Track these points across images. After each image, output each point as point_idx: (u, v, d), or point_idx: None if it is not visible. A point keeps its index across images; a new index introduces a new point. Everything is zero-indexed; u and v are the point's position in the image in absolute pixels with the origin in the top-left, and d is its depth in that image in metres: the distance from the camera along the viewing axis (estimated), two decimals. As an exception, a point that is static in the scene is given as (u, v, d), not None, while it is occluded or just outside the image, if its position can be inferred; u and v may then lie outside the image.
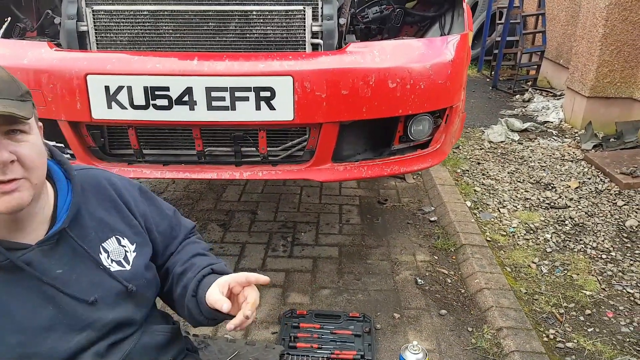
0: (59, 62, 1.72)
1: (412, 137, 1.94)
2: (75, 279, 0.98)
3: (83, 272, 1.00)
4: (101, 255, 1.03)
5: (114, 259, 1.05)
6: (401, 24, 2.19)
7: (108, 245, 1.04)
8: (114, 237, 1.06)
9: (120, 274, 1.04)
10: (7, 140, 0.86)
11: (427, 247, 2.67)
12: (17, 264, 0.92)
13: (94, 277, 1.01)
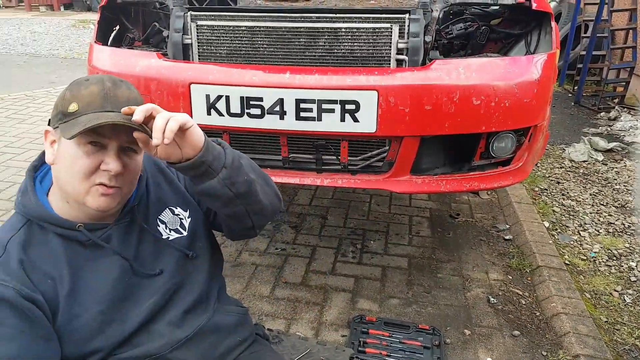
0: (167, 71, 1.89)
1: (494, 154, 1.95)
2: (144, 253, 1.12)
3: (149, 246, 1.13)
4: (159, 227, 1.16)
5: (172, 228, 1.17)
6: (485, 41, 2.21)
7: (164, 217, 1.17)
8: (168, 208, 1.18)
9: (178, 241, 1.16)
10: (122, 154, 1.01)
11: (501, 265, 2.64)
12: (98, 243, 1.06)
13: (157, 249, 1.14)
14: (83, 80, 1.01)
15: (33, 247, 1.03)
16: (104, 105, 0.98)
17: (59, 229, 1.04)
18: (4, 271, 0.98)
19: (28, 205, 1.04)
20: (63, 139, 0.98)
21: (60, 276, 1.02)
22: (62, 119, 0.98)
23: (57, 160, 1.01)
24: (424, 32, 1.87)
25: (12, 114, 4.98)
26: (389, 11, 1.88)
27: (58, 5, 13.01)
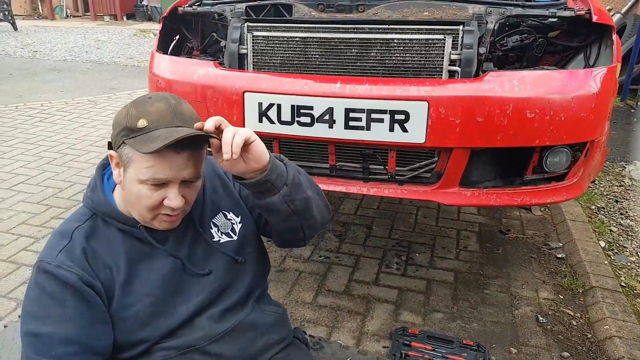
0: (222, 80, 1.97)
1: (548, 168, 1.91)
2: (195, 255, 1.18)
3: (201, 248, 1.19)
4: (212, 230, 1.21)
5: (223, 232, 1.23)
6: (542, 54, 2.16)
7: (217, 220, 1.23)
8: (221, 212, 1.24)
9: (228, 244, 1.22)
10: (183, 186, 1.06)
11: (552, 284, 2.55)
12: (152, 242, 1.13)
13: (208, 252, 1.19)
14: (146, 98, 1.06)
15: (95, 238, 1.11)
16: (174, 121, 1.02)
17: (121, 224, 1.11)
18: (68, 258, 1.07)
19: (96, 201, 1.13)
20: (130, 170, 1.04)
21: (117, 266, 1.10)
22: (130, 135, 1.02)
23: (124, 187, 1.08)
24: (477, 44, 1.86)
25: (75, 117, 5.26)
26: (443, 23, 1.88)
27: (121, 15, 13.67)
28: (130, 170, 1.04)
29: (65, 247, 1.08)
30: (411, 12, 1.96)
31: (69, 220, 1.15)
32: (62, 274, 1.04)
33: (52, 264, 1.05)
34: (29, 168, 3.89)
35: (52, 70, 7.71)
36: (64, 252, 1.07)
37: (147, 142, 0.99)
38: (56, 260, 1.06)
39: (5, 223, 3.04)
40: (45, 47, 9.72)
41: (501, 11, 1.93)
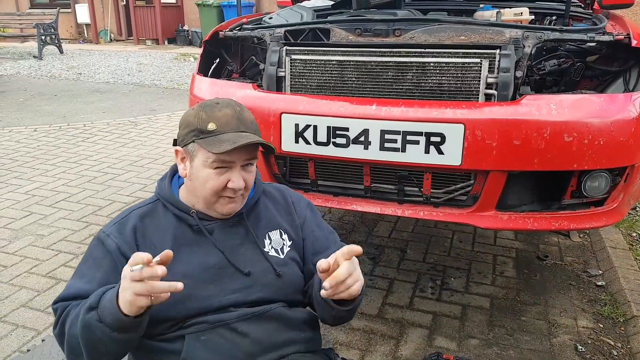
0: (260, 101, 2.02)
1: (586, 193, 1.87)
2: (240, 253, 1.25)
3: (247, 249, 1.27)
4: (265, 240, 1.29)
5: (274, 247, 1.30)
6: (580, 78, 2.14)
7: (273, 235, 1.31)
8: (279, 230, 1.32)
9: (274, 258, 1.28)
10: (242, 170, 1.21)
11: (591, 313, 2.48)
12: (202, 231, 1.23)
13: (254, 255, 1.26)
14: (214, 103, 1.21)
15: (150, 218, 1.25)
16: (239, 126, 1.19)
17: (177, 210, 1.25)
18: (118, 230, 1.22)
19: (161, 187, 1.29)
20: (197, 159, 1.19)
21: (162, 246, 1.18)
22: (200, 135, 1.17)
23: (190, 177, 1.22)
24: (514, 68, 1.86)
25: (116, 137, 5.44)
26: (480, 46, 1.89)
27: (163, 39, 14.16)
28: (197, 160, 1.18)
29: (120, 221, 1.24)
30: (448, 36, 1.98)
31: (136, 204, 1.32)
32: (108, 242, 1.20)
33: (104, 232, 1.22)
34: (70, 186, 4.03)
35: (95, 92, 8.02)
36: (117, 225, 1.23)
37: (217, 144, 1.15)
38: (109, 230, 1.23)
39: (46, 239, 3.14)
40: (89, 70, 10.14)
41: (538, 35, 1.93)
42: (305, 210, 1.40)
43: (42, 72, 9.85)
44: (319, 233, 1.38)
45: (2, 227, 3.30)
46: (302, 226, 1.36)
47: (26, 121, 6.13)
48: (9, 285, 2.64)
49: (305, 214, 1.39)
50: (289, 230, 1.34)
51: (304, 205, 1.41)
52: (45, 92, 7.92)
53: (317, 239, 1.37)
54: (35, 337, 2.25)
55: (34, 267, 2.81)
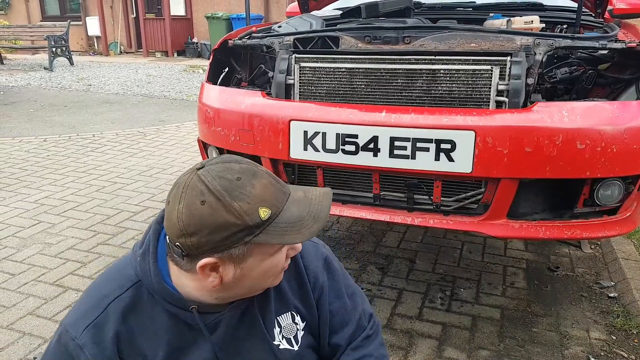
0: (269, 109, 2.02)
1: (599, 201, 1.85)
2: (245, 353, 0.99)
3: (253, 346, 1.00)
4: (275, 330, 1.02)
5: (285, 336, 1.03)
6: (592, 86, 2.12)
7: (282, 320, 1.04)
8: (290, 312, 1.05)
9: (286, 353, 1.02)
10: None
11: (604, 324, 2.43)
12: (202, 331, 0.95)
13: (261, 355, 1.01)
14: (236, 182, 0.85)
15: (136, 316, 0.94)
16: (283, 190, 0.91)
17: (171, 306, 0.94)
18: (94, 339, 0.91)
19: (145, 271, 0.95)
20: (251, 259, 0.88)
21: (153, 355, 0.95)
22: (254, 232, 0.85)
23: (239, 279, 0.90)
24: (526, 75, 1.85)
25: (125, 147, 5.47)
26: (490, 53, 1.88)
27: (172, 51, 14.30)
28: (251, 260, 0.88)
29: (95, 322, 0.92)
30: (458, 43, 1.98)
31: (112, 278, 0.98)
32: (80, 358, 0.91)
33: (74, 341, 0.91)
34: (79, 195, 4.05)
35: (105, 102, 8.09)
36: (91, 329, 0.92)
37: (289, 232, 0.87)
38: (81, 337, 0.91)
39: (54, 247, 3.15)
40: (99, 81, 10.24)
41: (550, 42, 1.92)
42: (321, 277, 1.09)
43: (52, 84, 9.96)
44: (336, 306, 1.10)
45: (11, 236, 3.31)
46: (317, 302, 1.08)
47: (36, 131, 6.18)
48: (16, 293, 2.63)
49: (322, 284, 1.08)
50: (302, 309, 1.06)
51: (319, 270, 1.09)
52: (55, 103, 8.00)
53: (334, 314, 1.09)
54: (41, 345, 2.24)
55: (42, 275, 2.81)
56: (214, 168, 0.87)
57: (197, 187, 0.85)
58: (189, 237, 0.85)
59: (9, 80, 10.38)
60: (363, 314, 1.13)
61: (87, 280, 2.76)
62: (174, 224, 0.86)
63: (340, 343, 1.09)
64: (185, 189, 0.86)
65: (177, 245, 0.88)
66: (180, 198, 0.86)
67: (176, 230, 0.86)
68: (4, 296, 2.61)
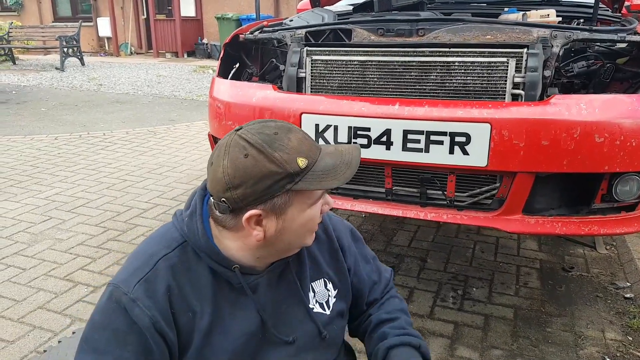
0: (280, 102, 2.00)
1: (617, 197, 1.80)
2: (283, 314, 1.05)
3: (291, 307, 1.06)
4: (310, 294, 1.08)
5: (318, 300, 1.09)
6: (609, 80, 2.08)
7: (316, 286, 1.09)
8: (323, 279, 1.11)
9: (319, 316, 1.08)
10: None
11: (620, 325, 2.38)
12: (245, 290, 0.99)
13: (298, 315, 1.06)
14: (273, 135, 0.91)
15: (183, 272, 0.98)
16: (317, 146, 0.96)
17: (215, 264, 0.98)
18: (148, 292, 0.94)
19: (192, 230, 0.99)
20: (292, 208, 0.93)
21: (202, 311, 0.98)
22: (295, 179, 0.90)
23: (281, 232, 0.95)
24: (542, 67, 1.81)
25: (135, 146, 5.48)
26: (506, 45, 1.85)
27: (182, 52, 14.36)
28: (291, 210, 0.93)
29: (146, 277, 0.95)
30: (473, 35, 1.95)
31: (157, 240, 1.01)
32: (136, 313, 0.92)
33: (127, 295, 0.93)
34: (89, 192, 4.05)
35: (115, 102, 8.12)
36: (143, 283, 0.94)
37: (329, 177, 0.92)
38: (133, 291, 0.93)
39: (65, 243, 3.15)
40: (110, 81, 10.29)
41: (567, 35, 1.88)
42: (351, 246, 1.18)
43: (63, 83, 10.03)
44: (367, 269, 1.20)
45: (22, 231, 3.32)
46: (353, 268, 1.16)
47: (47, 130, 6.21)
48: (27, 287, 2.63)
49: (353, 253, 1.17)
50: (333, 278, 1.12)
51: (348, 238, 1.18)
52: (66, 102, 8.05)
53: (367, 276, 1.19)
54: (51, 339, 2.23)
55: (52, 270, 2.81)
56: (252, 127, 0.94)
57: (239, 144, 0.91)
58: (234, 189, 0.90)
59: (21, 80, 10.47)
60: (386, 276, 1.26)
61: (97, 276, 2.75)
62: (220, 179, 0.91)
63: (376, 297, 1.21)
64: (228, 147, 0.91)
65: (222, 200, 0.92)
66: (224, 155, 0.91)
67: (222, 186, 0.91)
68: (15, 290, 2.61)
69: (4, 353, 2.13)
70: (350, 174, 0.95)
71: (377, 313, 1.19)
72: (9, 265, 2.86)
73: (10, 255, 2.98)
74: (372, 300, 1.21)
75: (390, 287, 1.27)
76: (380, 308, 1.20)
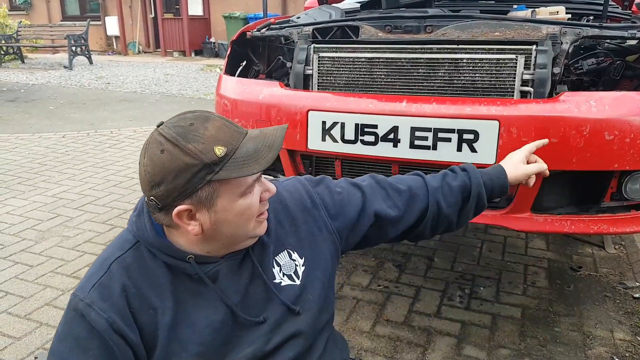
0: (287, 99, 1.99)
1: (627, 195, 1.78)
2: (250, 295, 1.03)
3: (257, 289, 1.03)
4: (274, 270, 1.06)
5: (285, 273, 1.07)
6: (619, 78, 2.05)
7: (280, 259, 1.07)
8: (286, 250, 1.08)
9: (289, 289, 1.06)
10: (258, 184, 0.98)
11: (629, 325, 2.36)
12: (203, 279, 0.98)
13: (266, 296, 1.04)
14: (186, 126, 0.89)
15: (139, 271, 0.97)
16: (236, 129, 0.93)
17: (168, 257, 0.97)
18: (102, 296, 0.93)
19: (140, 227, 0.99)
20: (220, 199, 0.91)
21: (163, 307, 0.97)
22: (214, 170, 0.88)
23: (215, 225, 0.94)
24: (552, 64, 1.79)
25: (142, 144, 5.50)
26: (515, 42, 1.83)
27: (190, 51, 14.39)
28: (221, 200, 0.91)
29: (100, 280, 0.95)
30: (481, 32, 1.93)
31: (111, 246, 1.02)
32: (92, 317, 0.92)
33: (83, 301, 0.93)
34: (97, 190, 4.07)
35: (123, 100, 8.15)
36: (97, 287, 0.94)
37: (248, 164, 0.90)
38: (88, 296, 0.93)
39: (72, 240, 3.16)
40: (117, 80, 10.34)
41: (577, 32, 1.86)
42: (312, 195, 1.15)
43: (71, 82, 10.08)
44: (348, 204, 1.16)
45: (29, 229, 3.33)
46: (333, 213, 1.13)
47: (55, 128, 6.25)
48: (34, 284, 2.65)
49: (318, 200, 1.14)
50: (297, 247, 1.10)
51: (304, 193, 1.15)
52: (74, 101, 8.09)
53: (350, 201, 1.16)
54: (57, 335, 2.24)
55: (59, 267, 2.82)
56: (171, 121, 0.93)
57: (156, 140, 0.90)
58: (157, 187, 0.89)
59: (30, 79, 10.54)
60: (369, 179, 1.23)
61: (103, 273, 2.76)
62: (143, 178, 0.91)
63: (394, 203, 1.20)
64: (147, 145, 0.91)
65: (151, 199, 0.91)
66: (145, 153, 0.91)
67: (146, 184, 0.91)
68: (22, 287, 2.62)
69: (11, 349, 2.14)
70: (272, 156, 0.91)
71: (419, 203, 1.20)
72: (16, 262, 2.88)
73: (17, 252, 3.00)
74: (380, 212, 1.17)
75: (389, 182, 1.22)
76: (413, 200, 1.20)
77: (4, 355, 2.11)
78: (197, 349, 0.98)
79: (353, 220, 1.15)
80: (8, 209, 3.66)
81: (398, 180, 1.23)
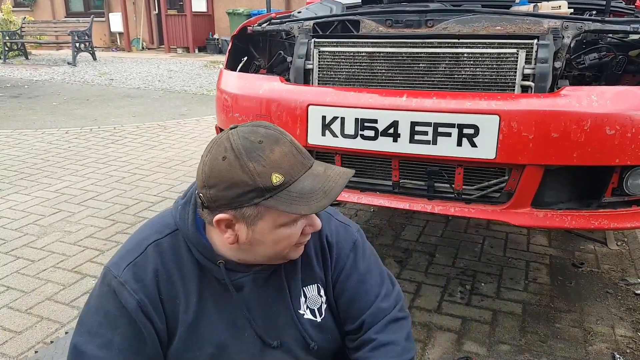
0: (287, 94, 1.99)
1: (628, 190, 1.77)
2: (270, 316, 1.02)
3: (279, 311, 1.03)
4: (300, 299, 1.05)
5: (309, 306, 1.06)
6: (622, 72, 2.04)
7: (309, 291, 1.06)
8: (317, 284, 1.07)
9: (310, 323, 1.05)
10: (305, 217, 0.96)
11: (630, 321, 2.35)
12: (229, 287, 0.98)
13: (286, 319, 1.03)
14: (256, 143, 0.88)
15: (172, 259, 0.98)
16: (304, 162, 0.91)
17: (202, 257, 0.98)
18: (135, 277, 0.95)
19: (183, 219, 0.99)
20: (262, 222, 0.90)
21: (187, 301, 0.98)
22: (264, 195, 0.87)
23: (251, 242, 0.93)
24: (553, 59, 1.78)
25: (146, 140, 5.50)
26: (516, 36, 1.82)
27: (193, 47, 14.39)
28: (262, 223, 0.90)
29: (135, 261, 0.96)
30: (483, 26, 1.92)
31: (150, 226, 1.03)
32: (124, 296, 0.94)
33: (117, 279, 0.95)
34: (99, 185, 4.08)
35: (126, 97, 8.16)
36: (132, 267, 0.96)
37: (301, 202, 0.87)
38: (122, 275, 0.95)
39: (73, 235, 3.17)
40: (121, 76, 10.35)
41: (579, 26, 1.85)
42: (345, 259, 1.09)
43: (75, 78, 10.10)
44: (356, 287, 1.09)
45: (32, 223, 3.35)
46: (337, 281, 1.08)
47: (58, 124, 6.26)
48: (35, 279, 2.66)
49: (343, 265, 1.08)
50: (325, 285, 1.08)
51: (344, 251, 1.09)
52: (77, 97, 8.11)
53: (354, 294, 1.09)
54: (59, 330, 2.25)
55: (61, 262, 2.83)
56: (243, 129, 0.91)
57: (223, 144, 0.90)
58: (208, 188, 0.90)
59: (33, 75, 10.56)
60: (387, 297, 1.11)
61: (104, 267, 2.77)
62: (199, 174, 0.92)
63: (364, 318, 1.09)
64: (214, 144, 0.91)
65: (199, 195, 0.93)
66: (209, 151, 0.91)
67: (200, 181, 0.92)
68: (24, 281, 2.63)
69: (12, 343, 2.15)
70: (325, 204, 0.89)
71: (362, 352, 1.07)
72: (18, 257, 2.89)
73: (19, 247, 3.01)
74: (358, 323, 1.09)
75: (394, 319, 1.10)
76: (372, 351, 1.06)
77: (4, 349, 2.12)
78: (210, 350, 1.00)
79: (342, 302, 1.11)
80: (10, 204, 3.67)
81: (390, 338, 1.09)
